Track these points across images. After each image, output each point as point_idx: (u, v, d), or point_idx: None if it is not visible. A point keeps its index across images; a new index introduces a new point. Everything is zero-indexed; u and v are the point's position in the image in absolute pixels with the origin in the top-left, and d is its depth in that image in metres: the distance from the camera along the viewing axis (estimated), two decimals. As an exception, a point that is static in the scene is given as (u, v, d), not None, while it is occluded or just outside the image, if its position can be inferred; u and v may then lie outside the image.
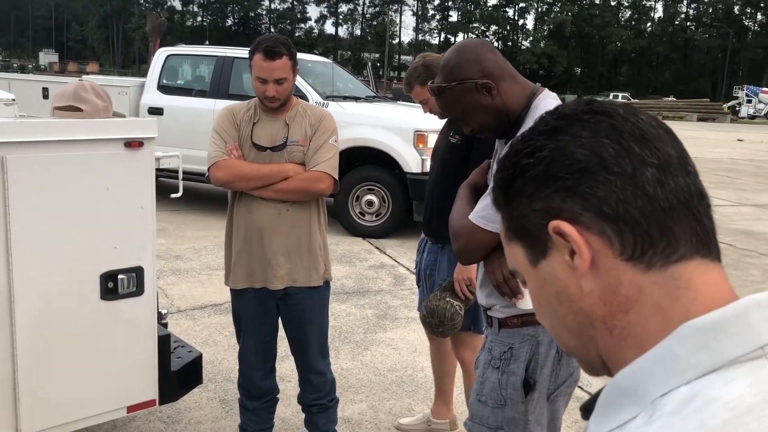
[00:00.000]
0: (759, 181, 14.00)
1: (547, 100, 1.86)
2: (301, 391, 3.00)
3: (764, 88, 52.85)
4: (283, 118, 2.72)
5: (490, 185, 1.83)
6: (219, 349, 4.29)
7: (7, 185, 2.10)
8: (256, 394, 2.94)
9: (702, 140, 25.01)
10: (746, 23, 79.75)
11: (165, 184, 6.64)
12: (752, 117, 48.18)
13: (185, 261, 6.24)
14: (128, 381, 2.50)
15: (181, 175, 2.96)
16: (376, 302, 5.34)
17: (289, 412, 3.50)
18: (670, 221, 0.64)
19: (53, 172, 2.20)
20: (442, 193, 2.87)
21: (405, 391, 3.85)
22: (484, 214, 1.80)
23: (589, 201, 0.65)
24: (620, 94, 51.66)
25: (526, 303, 1.83)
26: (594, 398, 0.66)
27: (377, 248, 7.02)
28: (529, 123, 1.82)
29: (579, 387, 2.96)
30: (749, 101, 49.85)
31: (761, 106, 48.94)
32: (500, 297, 1.90)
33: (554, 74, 79.14)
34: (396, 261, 6.56)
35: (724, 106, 48.50)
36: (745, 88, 52.35)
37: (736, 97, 52.65)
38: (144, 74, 9.32)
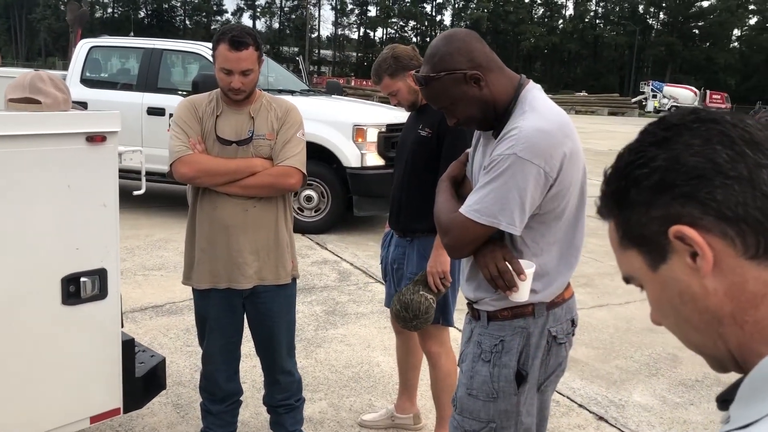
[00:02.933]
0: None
1: (534, 92, 1.86)
2: (267, 392, 2.92)
3: (668, 84, 55.54)
4: (248, 110, 2.64)
5: (483, 178, 1.82)
6: (166, 352, 4.12)
7: (-40, 184, 1.93)
8: (221, 396, 2.84)
9: (617, 133, 26.02)
10: (650, 22, 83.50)
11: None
12: (657, 111, 50.52)
13: (119, 261, 5.97)
14: (92, 390, 2.35)
15: (143, 171, 2.81)
16: (323, 298, 5.28)
17: (247, 414, 3.40)
18: None
19: (10, 170, 2.04)
20: (410, 186, 2.84)
21: (363, 387, 3.82)
22: (478, 207, 1.77)
23: (708, 205, 0.67)
24: (535, 89, 52.85)
25: (519, 296, 1.83)
26: (732, 389, 0.67)
27: (318, 244, 6.94)
28: (517, 115, 1.82)
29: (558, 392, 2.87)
30: (654, 96, 52.22)
31: (665, 100, 51.37)
32: (489, 290, 1.88)
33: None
34: (338, 256, 6.51)
35: (632, 100, 50.59)
36: (650, 84, 54.80)
37: (643, 92, 55.05)
38: (51, 67, 8.81)
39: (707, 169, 0.68)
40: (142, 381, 2.57)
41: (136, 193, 2.83)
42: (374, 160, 7.03)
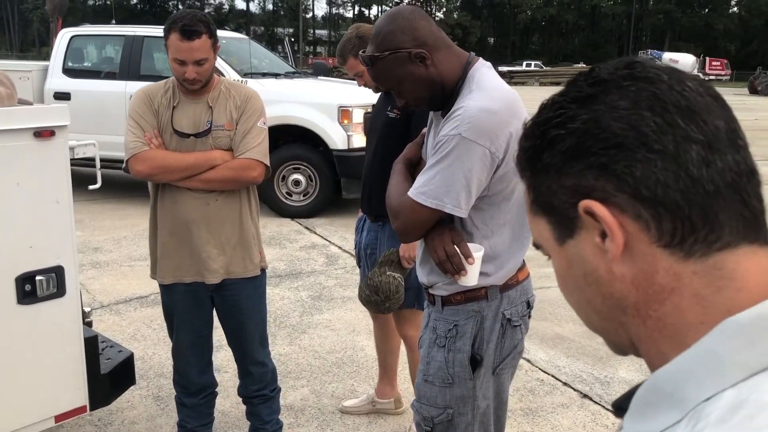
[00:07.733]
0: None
1: (483, 70, 1.81)
2: (241, 383, 2.89)
3: (667, 52, 55.09)
4: (206, 99, 2.57)
5: (430, 160, 1.77)
6: (149, 344, 4.11)
7: None
8: (194, 390, 2.81)
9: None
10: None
11: (80, 172, 6.28)
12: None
13: (105, 253, 5.95)
14: (55, 389, 2.32)
15: (98, 165, 2.76)
16: (309, 284, 5.25)
17: (228, 404, 3.39)
18: (715, 206, 0.58)
19: (-46, 169, 1.99)
20: (382, 170, 2.78)
21: (346, 373, 3.79)
22: (424, 190, 1.74)
23: (624, 181, 0.58)
24: (533, 63, 52.76)
25: (468, 280, 1.79)
26: (627, 396, 0.62)
27: (307, 228, 6.90)
28: (464, 94, 1.77)
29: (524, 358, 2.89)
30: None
31: (665, 68, 50.84)
32: (442, 274, 1.85)
33: (468, 45, 79.81)
34: (327, 240, 6.47)
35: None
36: (649, 52, 54.34)
37: (642, 62, 54.54)
38: (45, 57, 8.79)
39: (629, 139, 0.58)
40: (109, 377, 2.54)
41: (91, 187, 2.78)
42: (361, 141, 6.95)
